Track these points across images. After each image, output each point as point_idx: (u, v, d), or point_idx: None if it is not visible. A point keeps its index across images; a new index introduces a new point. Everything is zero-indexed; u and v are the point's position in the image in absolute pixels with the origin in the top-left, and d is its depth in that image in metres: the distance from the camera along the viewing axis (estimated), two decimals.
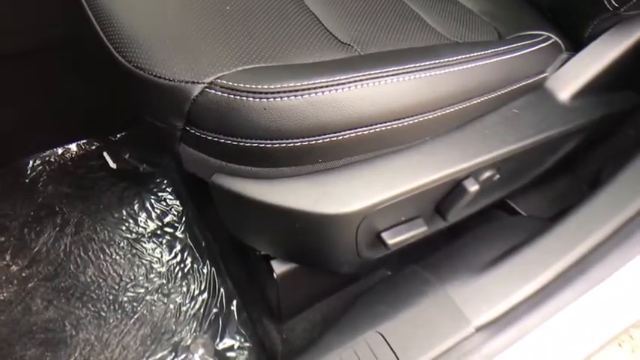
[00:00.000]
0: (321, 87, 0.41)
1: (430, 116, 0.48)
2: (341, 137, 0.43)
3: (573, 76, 0.63)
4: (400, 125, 0.46)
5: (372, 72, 0.43)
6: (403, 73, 0.44)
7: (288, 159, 0.44)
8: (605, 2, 0.58)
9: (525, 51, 0.56)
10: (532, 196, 0.80)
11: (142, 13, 0.47)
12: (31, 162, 0.92)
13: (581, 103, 0.64)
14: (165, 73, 0.42)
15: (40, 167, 0.91)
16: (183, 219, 0.89)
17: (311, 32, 0.50)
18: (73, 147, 0.95)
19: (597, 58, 0.63)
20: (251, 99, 0.40)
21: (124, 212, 0.88)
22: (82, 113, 0.92)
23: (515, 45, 0.55)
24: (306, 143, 0.43)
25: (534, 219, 0.74)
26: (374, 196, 0.48)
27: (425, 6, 0.64)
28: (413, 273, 0.64)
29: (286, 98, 0.40)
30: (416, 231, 0.57)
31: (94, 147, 0.95)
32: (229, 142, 0.43)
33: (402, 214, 0.55)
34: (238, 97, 0.40)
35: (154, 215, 0.89)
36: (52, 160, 0.93)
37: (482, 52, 0.51)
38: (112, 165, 0.93)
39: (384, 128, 0.45)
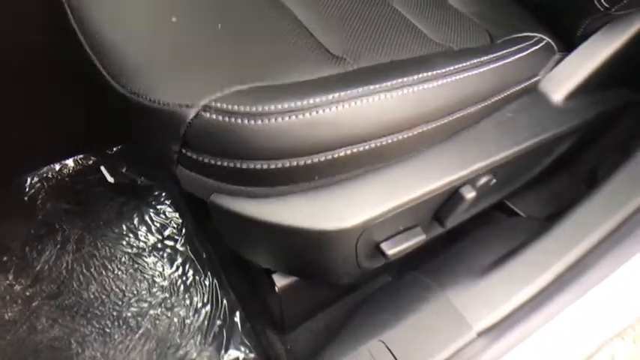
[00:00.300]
0: (316, 106, 0.41)
1: (425, 128, 0.48)
2: (337, 155, 0.44)
3: (566, 77, 0.63)
4: (395, 140, 0.46)
5: (365, 88, 0.43)
6: (397, 88, 0.44)
7: (284, 178, 0.45)
8: (596, 2, 0.58)
9: (518, 56, 0.56)
10: (529, 196, 0.80)
11: (134, 37, 0.47)
12: (29, 179, 0.92)
13: (575, 103, 0.64)
14: (159, 98, 0.42)
15: (39, 184, 0.91)
16: (183, 231, 0.89)
17: (304, 46, 0.50)
18: (70, 162, 0.95)
19: (589, 58, 0.63)
20: (246, 121, 0.40)
21: (124, 227, 0.88)
22: (79, 128, 0.91)
23: (507, 50, 0.56)
24: (302, 163, 0.43)
25: (532, 220, 0.74)
26: (372, 209, 0.48)
27: (415, 11, 0.64)
28: (413, 279, 0.64)
29: (281, 119, 0.40)
30: (415, 240, 0.57)
31: (90, 162, 0.95)
32: (226, 164, 0.43)
33: (401, 224, 0.56)
34: (234, 120, 0.40)
35: (153, 229, 0.89)
36: (50, 176, 0.93)
37: (475, 61, 0.51)
38: (110, 179, 0.94)
39: (379, 144, 0.45)
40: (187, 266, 0.84)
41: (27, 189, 0.91)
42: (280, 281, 0.59)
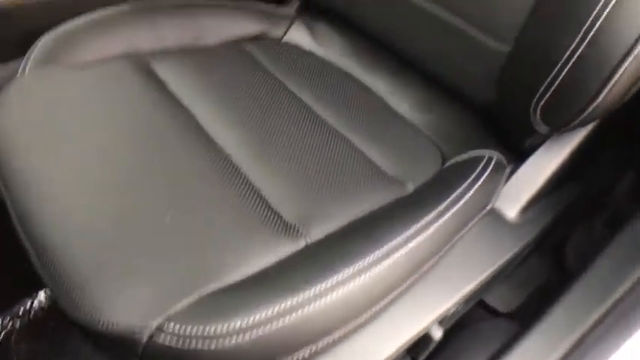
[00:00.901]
0: (269, 320, 0.41)
1: (386, 300, 0.48)
2: (297, 356, 0.43)
3: (519, 192, 0.63)
4: (355, 324, 0.46)
5: (319, 287, 0.42)
6: (352, 276, 0.43)
7: None
8: (537, 128, 0.59)
9: (471, 192, 0.55)
10: (498, 284, 0.80)
11: (77, 244, 0.47)
12: (0, 320, 0.89)
13: (531, 213, 0.65)
14: (110, 320, 0.41)
15: (11, 324, 0.89)
16: None
17: (256, 217, 0.50)
18: (41, 295, 0.93)
19: (540, 170, 0.63)
20: (200, 344, 0.40)
21: None
22: None
23: (460, 189, 0.54)
24: None
25: (507, 319, 0.75)
26: None
27: (366, 136, 0.64)
28: None
29: (235, 338, 0.40)
30: None
31: None
32: None
33: None
34: (187, 344, 0.40)
35: None
36: (21, 313, 0.90)
37: (431, 215, 0.50)
38: None
39: (336, 336, 0.45)
40: None
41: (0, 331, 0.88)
42: None
